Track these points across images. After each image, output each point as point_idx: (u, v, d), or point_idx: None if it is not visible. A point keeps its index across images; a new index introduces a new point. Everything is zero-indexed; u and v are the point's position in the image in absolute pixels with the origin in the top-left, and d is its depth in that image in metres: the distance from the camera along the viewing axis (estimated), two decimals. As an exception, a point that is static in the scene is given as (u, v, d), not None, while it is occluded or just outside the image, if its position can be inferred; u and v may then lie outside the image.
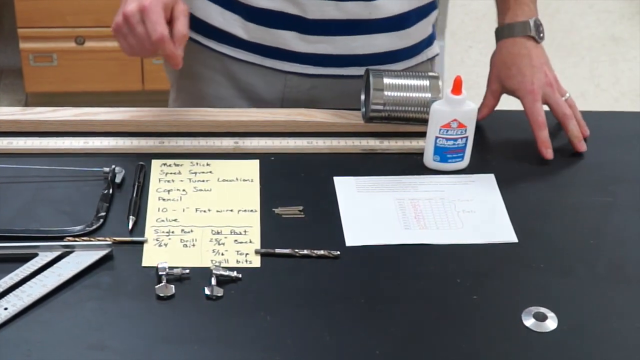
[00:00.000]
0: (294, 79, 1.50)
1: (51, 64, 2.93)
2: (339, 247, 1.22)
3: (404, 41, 1.50)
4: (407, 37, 1.50)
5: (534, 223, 1.29)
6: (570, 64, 3.61)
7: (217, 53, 1.50)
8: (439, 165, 1.36)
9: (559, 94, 1.43)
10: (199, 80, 1.53)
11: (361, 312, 1.14)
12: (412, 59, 1.54)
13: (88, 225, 1.23)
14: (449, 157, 1.36)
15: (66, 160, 1.35)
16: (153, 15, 1.25)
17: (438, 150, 1.35)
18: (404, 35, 1.50)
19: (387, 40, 1.48)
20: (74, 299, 1.13)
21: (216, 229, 1.25)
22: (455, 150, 1.35)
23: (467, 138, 1.35)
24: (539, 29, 1.44)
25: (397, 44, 1.50)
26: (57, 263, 1.17)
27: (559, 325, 1.13)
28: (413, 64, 1.54)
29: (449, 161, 1.36)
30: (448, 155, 1.35)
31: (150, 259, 1.19)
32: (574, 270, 1.22)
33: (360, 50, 1.47)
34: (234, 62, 1.50)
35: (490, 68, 1.47)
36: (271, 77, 1.50)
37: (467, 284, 1.18)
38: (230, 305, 1.14)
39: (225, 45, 1.49)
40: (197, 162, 1.36)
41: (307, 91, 1.51)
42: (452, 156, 1.36)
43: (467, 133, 1.34)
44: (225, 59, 1.50)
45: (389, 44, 1.49)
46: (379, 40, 1.48)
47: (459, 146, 1.35)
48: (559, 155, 1.41)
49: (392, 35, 1.48)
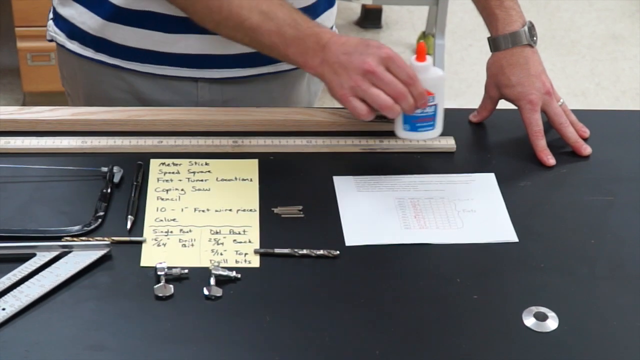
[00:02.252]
0: (206, 93, 1.49)
1: (49, 63, 2.92)
2: (338, 247, 1.22)
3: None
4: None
5: (534, 222, 1.29)
6: (571, 62, 3.61)
7: (122, 71, 1.47)
8: (410, 135, 1.35)
9: (556, 102, 1.44)
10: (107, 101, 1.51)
11: (361, 313, 1.14)
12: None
13: (86, 225, 1.23)
14: (418, 126, 1.34)
15: (64, 160, 1.34)
16: (400, 60, 1.26)
17: (407, 119, 1.33)
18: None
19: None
20: (72, 299, 1.13)
21: (215, 228, 1.25)
22: (425, 119, 1.33)
23: (437, 106, 1.32)
24: (532, 32, 1.44)
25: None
26: (55, 263, 1.17)
27: (560, 325, 1.13)
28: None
29: (419, 130, 1.34)
30: (418, 124, 1.34)
31: (149, 259, 1.19)
32: (575, 269, 1.22)
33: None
34: (139, 78, 1.47)
35: (487, 74, 1.47)
36: (180, 90, 1.48)
37: (468, 284, 1.18)
38: (229, 306, 1.14)
39: (133, 62, 1.46)
40: (195, 161, 1.36)
41: (221, 104, 1.48)
42: (422, 125, 1.34)
43: (435, 100, 1.32)
44: (130, 76, 1.47)
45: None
46: None
47: (428, 114, 1.33)
48: (559, 155, 1.41)
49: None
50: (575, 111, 1.48)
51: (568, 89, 3.43)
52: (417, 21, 3.74)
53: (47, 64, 2.93)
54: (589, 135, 1.45)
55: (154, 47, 1.44)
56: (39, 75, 2.97)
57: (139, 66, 1.47)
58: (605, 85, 3.49)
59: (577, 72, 3.56)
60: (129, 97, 1.49)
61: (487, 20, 1.47)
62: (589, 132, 1.46)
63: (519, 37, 1.43)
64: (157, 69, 1.46)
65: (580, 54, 3.67)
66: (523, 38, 1.43)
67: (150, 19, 1.42)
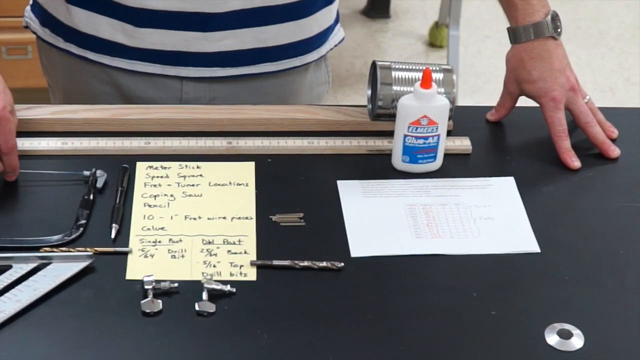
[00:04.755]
0: (191, 90, 1.50)
1: (26, 57, 2.93)
2: (343, 258, 1.22)
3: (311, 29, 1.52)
4: (315, 23, 1.52)
5: (557, 231, 1.29)
6: (597, 55, 3.61)
7: (106, 67, 1.50)
8: (409, 167, 1.36)
9: (581, 99, 1.43)
10: (88, 95, 1.52)
11: (367, 330, 1.14)
12: (321, 48, 1.56)
13: (67, 234, 1.24)
14: (419, 158, 1.35)
15: (43, 163, 1.35)
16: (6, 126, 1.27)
17: (407, 150, 1.35)
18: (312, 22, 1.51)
19: (296, 28, 1.49)
20: (51, 316, 1.13)
21: (207, 238, 1.25)
22: (426, 150, 1.35)
23: (439, 136, 1.34)
24: (556, 24, 1.44)
25: (305, 32, 1.51)
26: (32, 276, 1.17)
27: (586, 343, 1.13)
28: (324, 52, 1.57)
29: (419, 162, 1.36)
30: (418, 155, 1.35)
31: (135, 272, 1.19)
32: (602, 282, 1.22)
33: (270, 42, 1.48)
34: (123, 75, 1.50)
35: (506, 68, 1.47)
36: (164, 87, 1.50)
37: (485, 299, 1.18)
38: (223, 323, 1.14)
39: (114, 57, 1.48)
40: (186, 164, 1.36)
41: (207, 102, 1.50)
42: (423, 156, 1.35)
43: (438, 131, 1.34)
44: (113, 72, 1.50)
45: (299, 32, 1.50)
46: (289, 28, 1.48)
47: (430, 145, 1.34)
48: (585, 157, 1.41)
49: (301, 23, 1.49)
50: (603, 109, 1.48)
51: (595, 85, 3.43)
52: (429, 10, 3.75)
53: (24, 57, 2.94)
54: (618, 135, 1.46)
55: (126, 40, 1.46)
56: (15, 70, 2.97)
57: (108, 60, 1.49)
58: (635, 81, 3.49)
59: (605, 66, 3.56)
60: (110, 90, 1.51)
61: (506, 9, 1.47)
62: (617, 131, 1.46)
63: (541, 28, 1.43)
64: (129, 64, 1.48)
65: (607, 46, 3.67)
66: (545, 29, 1.43)
67: (119, 9, 1.43)
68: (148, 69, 1.49)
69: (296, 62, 1.53)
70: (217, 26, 1.45)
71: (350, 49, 3.53)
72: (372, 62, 1.42)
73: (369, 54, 3.52)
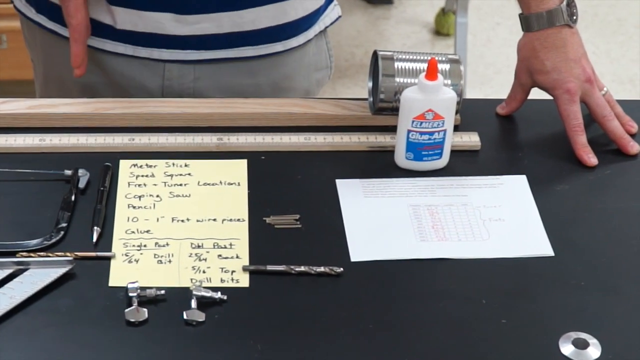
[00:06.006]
0: (174, 68, 1.51)
1: (0, 47, 2.93)
2: (342, 263, 1.22)
3: (295, 11, 1.51)
4: (300, 5, 1.51)
5: (573, 233, 1.29)
6: (617, 43, 3.61)
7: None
8: (413, 165, 1.36)
9: (598, 91, 1.44)
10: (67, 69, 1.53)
11: (369, 340, 1.14)
12: (309, 31, 1.55)
13: (46, 238, 1.24)
14: (424, 155, 1.35)
15: (19, 161, 1.35)
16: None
17: (411, 146, 1.35)
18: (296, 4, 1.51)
19: (278, 11, 1.49)
20: (29, 326, 1.13)
21: (196, 242, 1.25)
22: (432, 147, 1.35)
23: (446, 132, 1.34)
24: (571, 10, 1.44)
25: (289, 15, 1.51)
26: (8, 283, 1.17)
27: (603, 353, 1.13)
28: (312, 36, 1.56)
29: (424, 159, 1.36)
30: (423, 152, 1.35)
31: (119, 278, 1.19)
32: (620, 288, 1.22)
33: (249, 26, 1.48)
34: (104, 55, 1.51)
35: (518, 57, 1.47)
36: (147, 69, 1.51)
37: (495, 306, 1.19)
38: (214, 333, 1.14)
39: (93, 37, 1.49)
40: (173, 162, 1.36)
41: (192, 83, 1.51)
42: (428, 153, 1.35)
43: (444, 126, 1.34)
44: (94, 52, 1.51)
45: (280, 16, 1.50)
46: (269, 11, 1.48)
47: (435, 141, 1.35)
48: (602, 153, 1.41)
49: (284, 5, 1.49)
50: (622, 102, 1.48)
51: (613, 76, 3.44)
52: (435, -5, 3.75)
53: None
54: (637, 130, 1.46)
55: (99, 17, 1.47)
56: (-11, 61, 2.97)
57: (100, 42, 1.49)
58: (657, 71, 3.49)
59: (624, 56, 3.56)
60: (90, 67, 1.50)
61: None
62: (637, 126, 1.46)
63: (555, 15, 1.43)
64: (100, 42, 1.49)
65: (627, 34, 3.67)
66: (560, 16, 1.43)
67: None
68: (119, 49, 1.49)
69: (278, 47, 1.52)
70: (192, 9, 1.45)
71: (350, 37, 3.53)
72: (373, 51, 1.42)
73: (370, 43, 3.52)
